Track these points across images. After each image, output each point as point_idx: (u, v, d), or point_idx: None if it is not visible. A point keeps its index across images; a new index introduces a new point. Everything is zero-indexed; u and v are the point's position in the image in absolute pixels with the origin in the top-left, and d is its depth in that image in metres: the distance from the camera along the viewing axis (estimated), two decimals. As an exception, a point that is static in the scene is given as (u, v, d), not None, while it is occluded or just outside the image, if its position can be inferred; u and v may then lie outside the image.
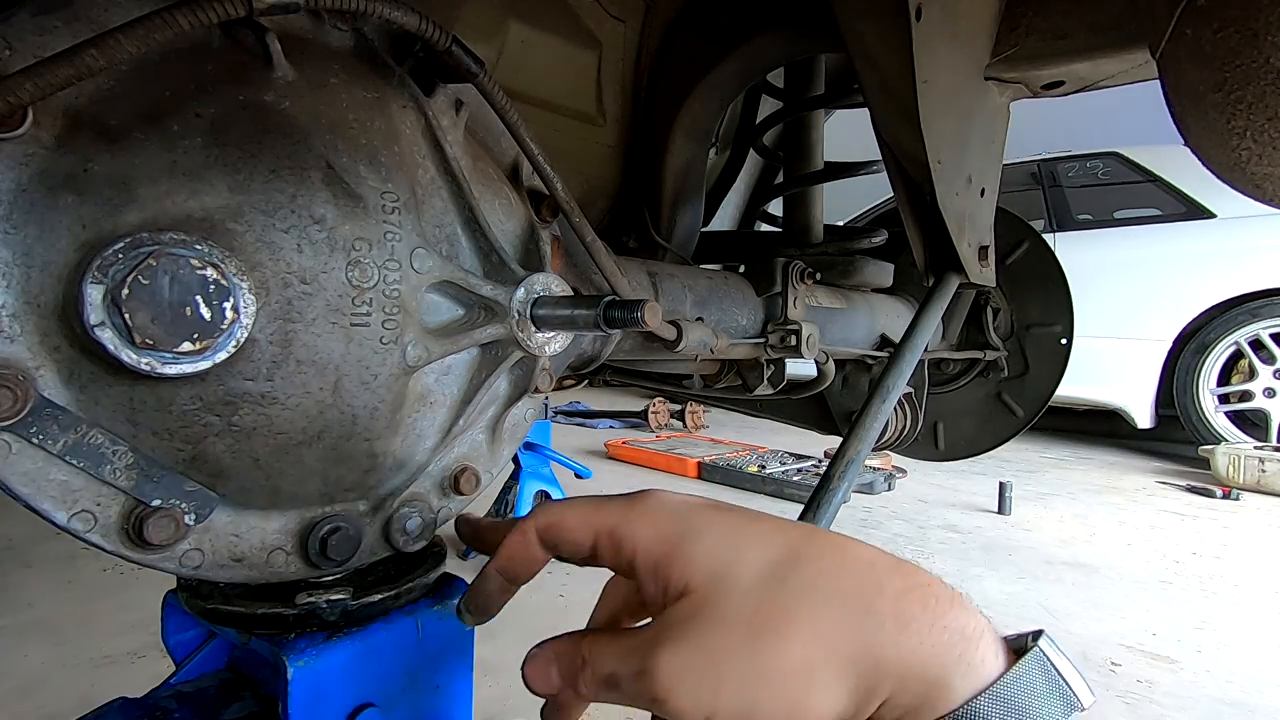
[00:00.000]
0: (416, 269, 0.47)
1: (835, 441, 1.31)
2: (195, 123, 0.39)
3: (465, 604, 0.46)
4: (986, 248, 1.12)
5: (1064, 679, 0.33)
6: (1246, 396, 4.06)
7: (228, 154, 0.39)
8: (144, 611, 1.77)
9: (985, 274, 1.13)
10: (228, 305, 0.37)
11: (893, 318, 1.45)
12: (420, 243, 0.47)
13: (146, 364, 0.35)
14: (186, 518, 0.42)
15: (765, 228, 1.67)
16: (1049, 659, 0.33)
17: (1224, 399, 4.10)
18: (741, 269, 1.36)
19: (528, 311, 0.54)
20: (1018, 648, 0.34)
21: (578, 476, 2.34)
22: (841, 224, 1.57)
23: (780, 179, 1.51)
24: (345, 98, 0.45)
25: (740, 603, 0.34)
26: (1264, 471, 3.46)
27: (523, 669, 0.39)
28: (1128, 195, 4.56)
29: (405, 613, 0.53)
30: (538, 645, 0.40)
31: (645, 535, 0.39)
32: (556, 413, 5.12)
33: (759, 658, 0.33)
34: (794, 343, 1.07)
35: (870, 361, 1.44)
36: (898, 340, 1.06)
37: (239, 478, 0.43)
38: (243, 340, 0.38)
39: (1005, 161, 1.15)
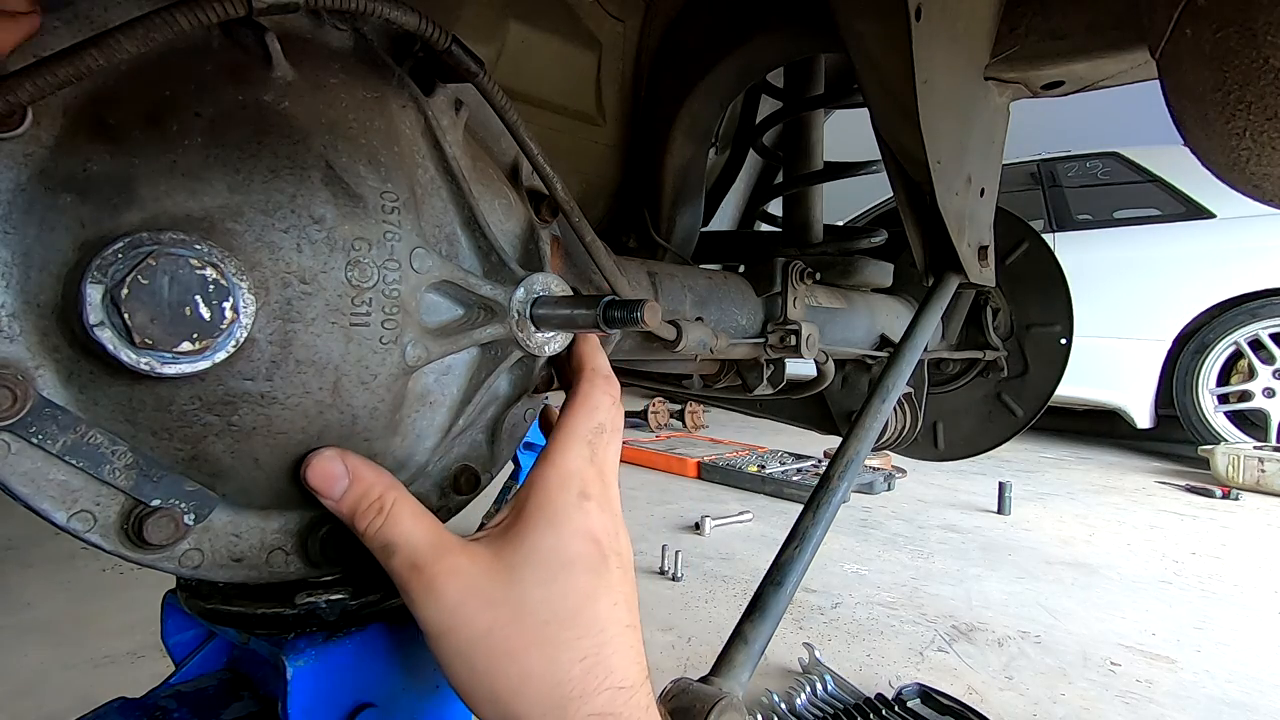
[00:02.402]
0: (416, 269, 0.47)
1: (835, 441, 1.31)
2: (195, 123, 0.39)
3: None
4: (986, 248, 1.12)
5: None
6: (1246, 396, 4.07)
7: (227, 154, 0.39)
8: (144, 611, 1.78)
9: (985, 274, 1.13)
10: (227, 305, 0.37)
11: (892, 318, 1.45)
12: (420, 242, 0.47)
13: (146, 364, 0.35)
14: (186, 518, 0.42)
15: (765, 228, 1.67)
16: None
17: (1223, 399, 4.10)
18: (741, 269, 1.36)
19: (527, 311, 0.53)
20: None
21: (577, 476, 2.33)
22: (841, 224, 1.57)
23: (780, 179, 1.51)
24: (345, 98, 0.45)
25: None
26: (1263, 471, 3.46)
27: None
28: (1128, 195, 4.57)
29: (405, 613, 0.53)
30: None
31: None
32: (556, 413, 5.11)
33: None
34: (794, 343, 1.07)
35: (870, 361, 1.44)
36: (897, 340, 1.06)
37: (239, 477, 0.43)
38: (242, 340, 0.38)
39: (1005, 161, 1.15)
